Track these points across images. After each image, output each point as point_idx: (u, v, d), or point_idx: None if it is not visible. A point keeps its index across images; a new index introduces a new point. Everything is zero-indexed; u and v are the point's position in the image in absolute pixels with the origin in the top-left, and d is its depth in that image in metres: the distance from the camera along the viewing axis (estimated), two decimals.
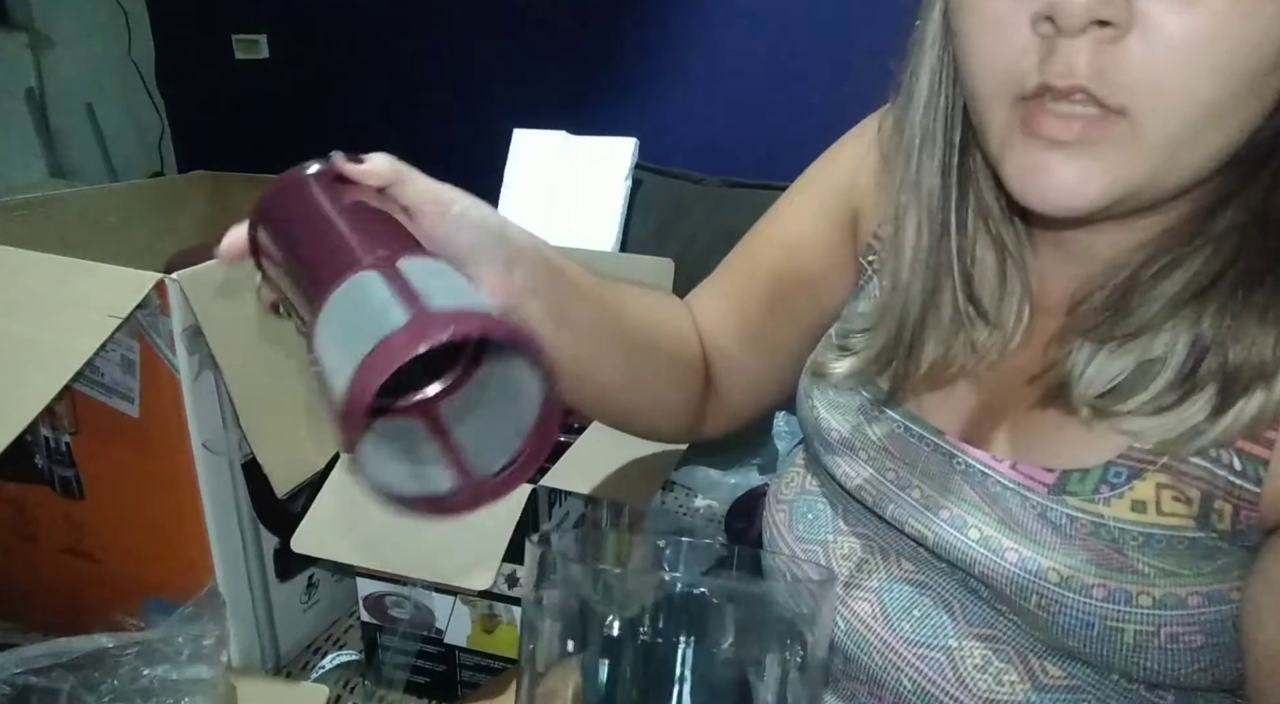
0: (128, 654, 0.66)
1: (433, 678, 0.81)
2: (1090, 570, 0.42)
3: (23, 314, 0.71)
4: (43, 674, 0.63)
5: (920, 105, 0.48)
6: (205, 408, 0.72)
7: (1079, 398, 0.43)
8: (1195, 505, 0.41)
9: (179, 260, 1.04)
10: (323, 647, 0.89)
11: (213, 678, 0.67)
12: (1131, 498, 0.42)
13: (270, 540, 0.81)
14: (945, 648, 0.48)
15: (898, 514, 0.51)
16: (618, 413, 0.61)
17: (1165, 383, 0.40)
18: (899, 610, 0.50)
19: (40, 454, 0.78)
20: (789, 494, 0.60)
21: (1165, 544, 0.42)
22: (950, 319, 0.50)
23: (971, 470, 0.48)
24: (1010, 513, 0.46)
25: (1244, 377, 0.38)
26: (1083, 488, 0.44)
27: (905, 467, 0.51)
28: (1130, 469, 0.42)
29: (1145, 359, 0.41)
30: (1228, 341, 0.39)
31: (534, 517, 0.75)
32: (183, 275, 0.68)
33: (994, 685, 0.46)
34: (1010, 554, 0.45)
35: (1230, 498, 0.40)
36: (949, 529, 0.48)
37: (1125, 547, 0.42)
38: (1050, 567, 0.43)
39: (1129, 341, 0.42)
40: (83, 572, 0.81)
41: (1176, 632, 0.41)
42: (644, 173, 1.82)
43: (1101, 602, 0.42)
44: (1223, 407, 0.39)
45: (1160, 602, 0.41)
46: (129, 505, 0.77)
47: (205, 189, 1.25)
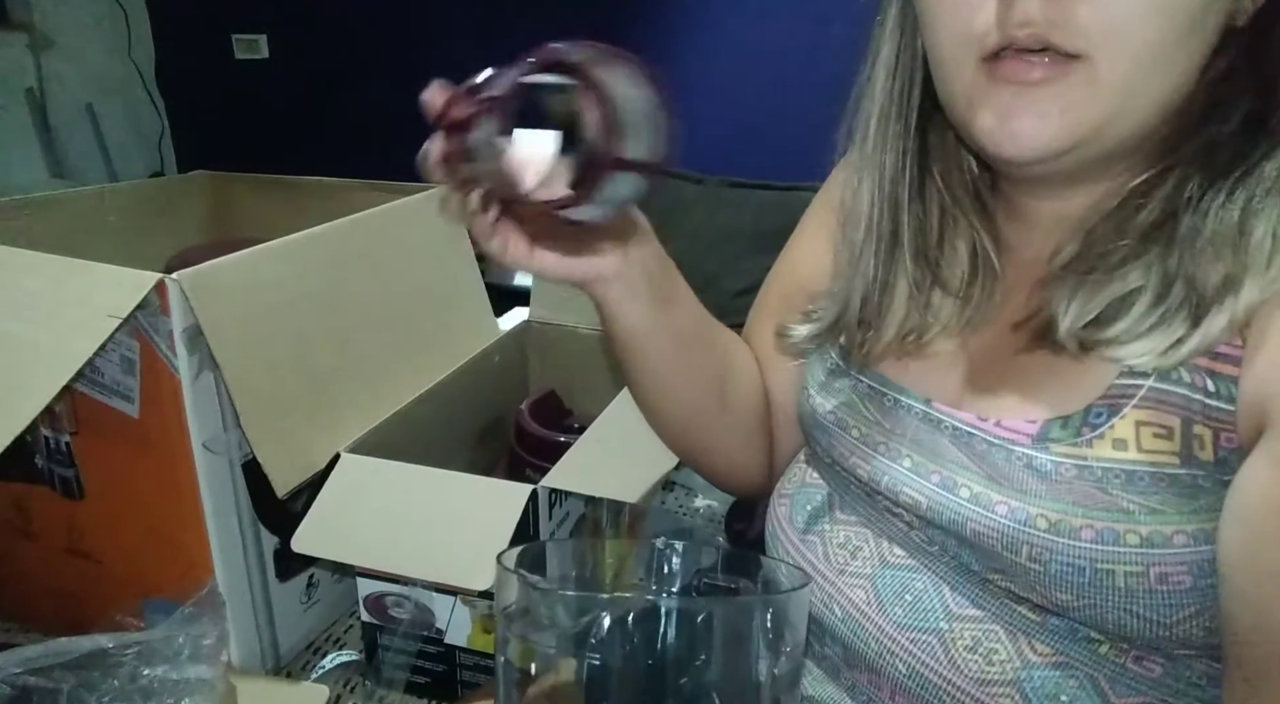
0: (128, 654, 0.66)
1: (433, 678, 0.81)
2: (1077, 512, 0.44)
3: (23, 314, 0.71)
4: (43, 674, 0.63)
5: (878, 86, 0.53)
6: (205, 408, 0.72)
7: (1065, 332, 0.45)
8: (1176, 438, 0.43)
9: (179, 260, 1.04)
10: (323, 647, 0.89)
11: (213, 678, 0.67)
12: (1112, 437, 0.44)
13: (270, 540, 0.81)
14: (936, 630, 0.49)
15: (891, 484, 0.53)
16: (699, 444, 0.67)
17: (1144, 308, 0.43)
18: (891, 596, 0.52)
19: (40, 454, 0.78)
20: (789, 489, 0.62)
21: (1148, 481, 0.43)
22: (909, 293, 0.54)
23: (959, 432, 0.50)
24: (997, 468, 0.47)
25: (1210, 293, 0.42)
26: (1065, 433, 0.46)
27: (895, 438, 0.54)
28: (1109, 408, 0.44)
29: (1124, 291, 0.44)
30: (1192, 266, 0.42)
31: (534, 517, 0.75)
32: (183, 275, 0.68)
33: (984, 665, 0.48)
34: (1000, 507, 0.46)
35: (1209, 422, 0.42)
36: (940, 491, 0.50)
37: (1109, 486, 0.44)
38: (1038, 513, 0.45)
39: (1105, 277, 0.45)
40: (83, 572, 0.81)
41: (1165, 571, 0.43)
42: None
43: (1090, 543, 0.44)
44: (1197, 321, 0.42)
45: (1147, 540, 0.43)
46: (129, 505, 0.77)
47: (205, 189, 1.25)
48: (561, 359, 1.17)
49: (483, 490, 0.76)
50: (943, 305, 0.54)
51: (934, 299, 0.54)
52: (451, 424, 0.99)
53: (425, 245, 1.02)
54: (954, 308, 0.53)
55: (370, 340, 0.90)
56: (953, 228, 0.54)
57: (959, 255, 0.53)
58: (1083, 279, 0.46)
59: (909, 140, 0.52)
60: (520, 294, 1.23)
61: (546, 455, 0.91)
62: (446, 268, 1.07)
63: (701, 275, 1.73)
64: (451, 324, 1.05)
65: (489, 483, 0.78)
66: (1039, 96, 0.43)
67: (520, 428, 1.05)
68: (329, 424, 0.81)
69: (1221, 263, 0.42)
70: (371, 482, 0.78)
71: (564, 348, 1.17)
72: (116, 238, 1.07)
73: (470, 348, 1.04)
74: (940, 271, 0.53)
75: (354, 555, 0.76)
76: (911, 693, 0.50)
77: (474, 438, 1.06)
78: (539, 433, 1.03)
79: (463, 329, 1.07)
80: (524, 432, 1.04)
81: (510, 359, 1.13)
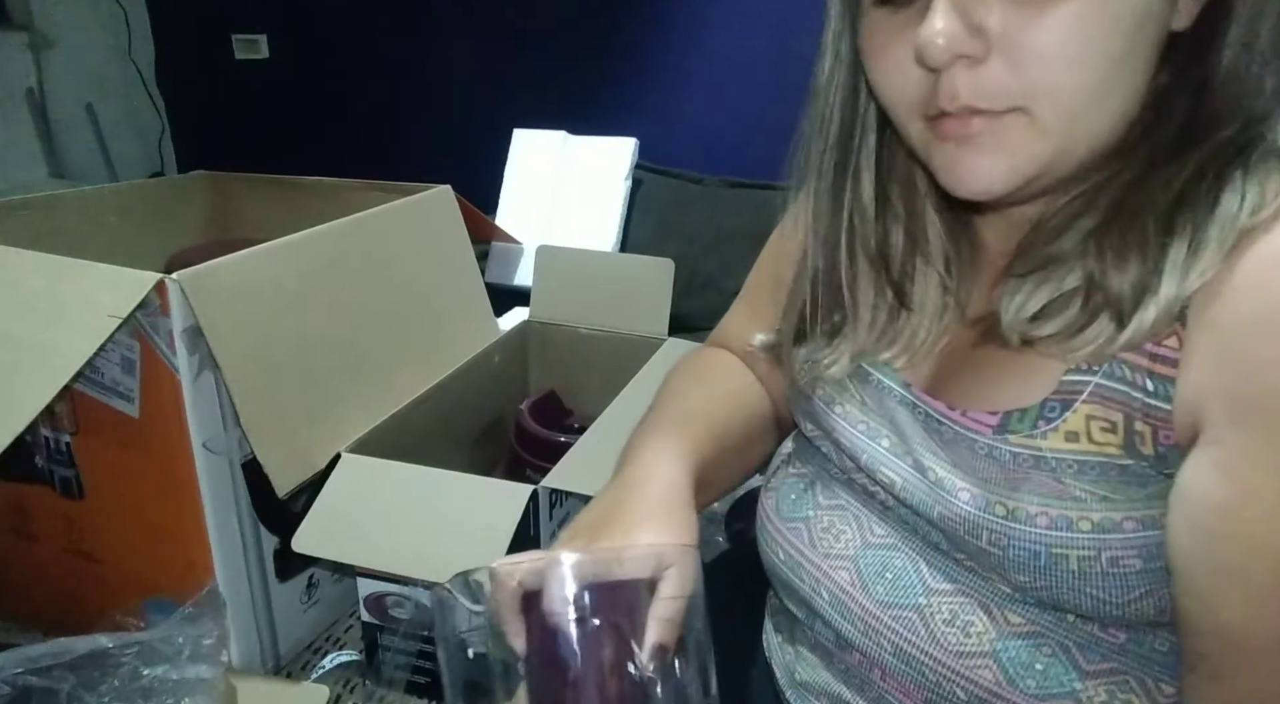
0: (128, 654, 0.66)
1: (433, 678, 0.81)
2: (1033, 500, 0.46)
3: (23, 314, 0.71)
4: (43, 674, 0.64)
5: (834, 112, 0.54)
6: (205, 408, 0.72)
7: (1007, 326, 0.48)
8: (1120, 432, 0.44)
9: (179, 260, 1.04)
10: (323, 647, 0.89)
11: (213, 678, 0.67)
12: (1065, 430, 0.46)
13: (270, 540, 0.81)
14: (916, 606, 0.51)
15: (870, 463, 0.55)
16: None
17: (1077, 307, 0.45)
18: (873, 575, 0.54)
19: (40, 454, 0.78)
20: (775, 482, 0.64)
21: (1099, 471, 0.45)
22: (873, 307, 0.56)
23: (930, 419, 0.53)
24: (961, 455, 0.50)
25: (1131, 295, 0.43)
26: (1022, 425, 0.47)
27: (877, 418, 0.56)
28: (1062, 403, 0.46)
29: (1061, 291, 0.46)
30: (1110, 272, 0.44)
31: (534, 517, 0.75)
32: (183, 275, 0.68)
33: (962, 637, 0.49)
34: (962, 493, 0.49)
35: (1148, 420, 0.43)
36: (913, 473, 0.52)
37: (1063, 475, 0.46)
38: (997, 501, 0.47)
39: (1046, 276, 0.47)
40: (83, 572, 0.81)
41: (1116, 556, 0.45)
42: (644, 173, 1.82)
43: (1045, 529, 0.46)
44: (1121, 322, 0.44)
45: (1099, 526, 0.45)
46: (129, 505, 0.77)
47: (205, 189, 1.25)
48: (561, 359, 1.17)
49: (483, 490, 0.76)
50: (906, 322, 0.56)
51: (898, 317, 0.56)
52: (451, 424, 0.99)
53: (425, 245, 1.02)
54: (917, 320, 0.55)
55: (370, 340, 0.90)
56: (911, 245, 0.55)
57: (920, 269, 0.55)
58: (1026, 277, 0.48)
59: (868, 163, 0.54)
60: (520, 294, 1.23)
61: (546, 455, 0.91)
62: (446, 268, 1.07)
63: (701, 275, 1.74)
64: (451, 324, 1.05)
65: (489, 483, 0.78)
66: (981, 145, 0.44)
67: (520, 428, 1.05)
68: (329, 424, 0.81)
69: (1133, 267, 0.43)
70: (371, 482, 0.78)
71: (564, 348, 1.17)
72: (116, 238, 1.07)
73: (470, 348, 1.04)
74: (905, 292, 0.55)
75: (354, 555, 0.76)
76: (899, 672, 0.52)
77: (474, 438, 1.06)
78: (539, 433, 1.03)
79: (463, 329, 1.07)
80: (524, 432, 1.04)
81: (510, 359, 1.13)
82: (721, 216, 1.74)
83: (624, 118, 1.89)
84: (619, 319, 1.14)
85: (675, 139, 1.88)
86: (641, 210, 1.81)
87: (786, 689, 0.61)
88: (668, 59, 1.93)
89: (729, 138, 1.88)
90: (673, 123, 1.92)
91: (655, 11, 1.92)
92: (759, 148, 1.81)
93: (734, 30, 1.85)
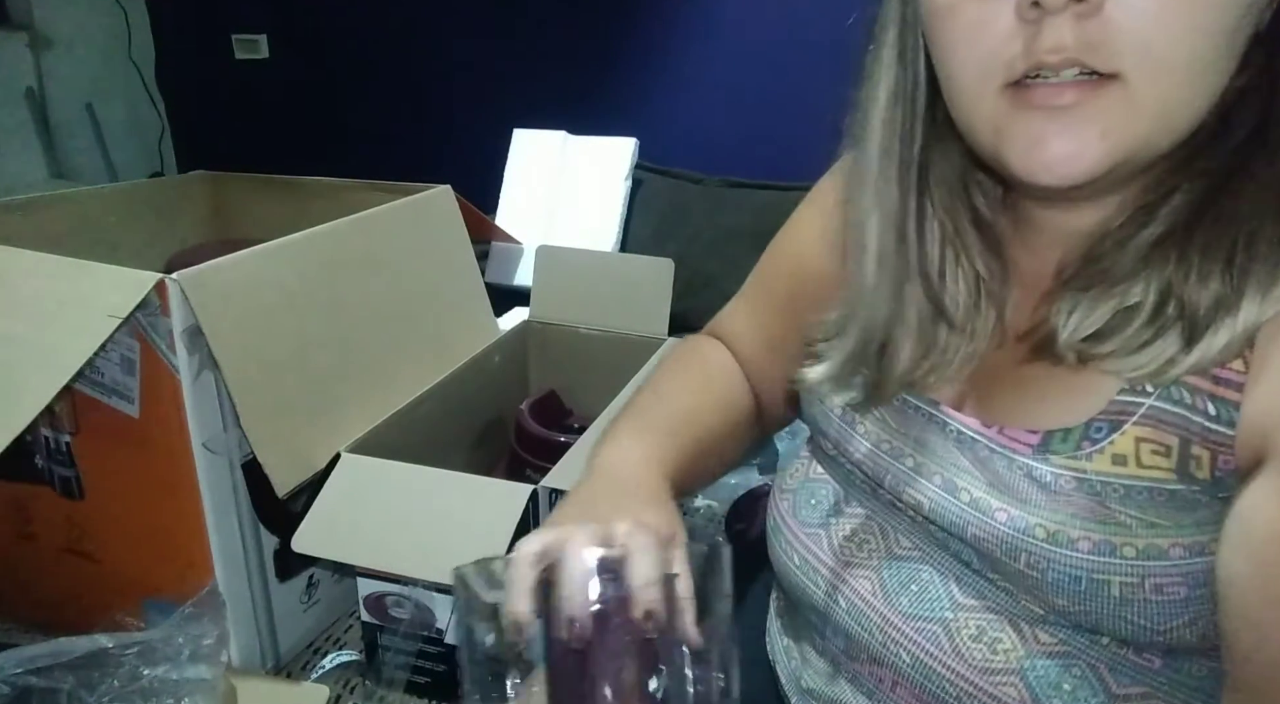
0: (128, 654, 0.66)
1: (433, 678, 0.81)
2: (1075, 524, 0.44)
3: (23, 314, 0.71)
4: (43, 674, 0.64)
5: (878, 119, 0.51)
6: (205, 408, 0.72)
7: (1065, 344, 0.45)
8: (1174, 456, 0.43)
9: (179, 260, 1.04)
10: (323, 647, 0.89)
11: (213, 678, 0.67)
12: (1112, 452, 0.44)
13: (270, 540, 0.81)
14: (941, 620, 0.50)
15: (894, 483, 0.53)
16: None
17: (1140, 323, 0.43)
18: (897, 586, 0.52)
19: (40, 454, 0.78)
20: (793, 483, 0.63)
21: (1146, 496, 0.43)
22: (919, 327, 0.52)
23: (963, 437, 0.50)
24: (998, 475, 0.48)
25: (1206, 314, 0.41)
26: (1065, 446, 0.46)
27: (901, 437, 0.54)
28: (1110, 424, 0.44)
29: (1123, 306, 0.44)
30: (1190, 285, 0.42)
31: (534, 517, 0.75)
32: (183, 275, 0.68)
33: (988, 654, 0.48)
34: (1000, 514, 0.47)
35: (1207, 444, 0.42)
36: (942, 494, 0.50)
37: (1108, 499, 0.44)
38: (1037, 523, 0.45)
39: (1107, 290, 0.45)
40: (83, 572, 0.81)
41: (1161, 582, 0.43)
42: (644, 173, 1.82)
43: (1087, 554, 0.44)
44: (1191, 340, 0.41)
45: (1143, 552, 0.43)
46: (129, 505, 0.77)
47: (205, 189, 1.25)
48: (561, 359, 1.17)
49: (483, 490, 0.76)
50: (949, 342, 0.53)
51: (940, 335, 0.53)
52: (451, 424, 0.99)
53: (425, 245, 1.02)
54: (959, 341, 0.52)
55: (370, 340, 0.90)
56: (954, 261, 0.52)
57: (960, 288, 0.52)
58: (1084, 293, 0.45)
59: (912, 173, 0.51)
60: (520, 294, 1.23)
61: (546, 455, 0.91)
62: (446, 268, 1.07)
63: (701, 275, 1.74)
64: (451, 324, 1.05)
65: (489, 483, 0.78)
66: (1073, 119, 0.41)
67: (520, 428, 1.05)
68: (329, 424, 0.81)
69: (1215, 283, 0.41)
70: (371, 482, 0.78)
71: (564, 348, 1.17)
72: (116, 238, 1.07)
73: (470, 348, 1.04)
74: (944, 305, 0.52)
75: (354, 555, 0.76)
76: (914, 682, 0.51)
77: (474, 438, 1.06)
78: (539, 433, 1.03)
79: (463, 329, 1.07)
80: (524, 432, 1.04)
81: (510, 359, 1.13)
82: (721, 216, 1.74)
83: (624, 118, 1.88)
84: (619, 319, 1.14)
85: (675, 139, 1.88)
86: (641, 210, 1.81)
87: (791, 695, 0.60)
88: (668, 59, 1.93)
89: (729, 138, 1.88)
90: (673, 123, 1.92)
91: (655, 11, 1.92)
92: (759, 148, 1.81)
93: (734, 30, 1.85)
